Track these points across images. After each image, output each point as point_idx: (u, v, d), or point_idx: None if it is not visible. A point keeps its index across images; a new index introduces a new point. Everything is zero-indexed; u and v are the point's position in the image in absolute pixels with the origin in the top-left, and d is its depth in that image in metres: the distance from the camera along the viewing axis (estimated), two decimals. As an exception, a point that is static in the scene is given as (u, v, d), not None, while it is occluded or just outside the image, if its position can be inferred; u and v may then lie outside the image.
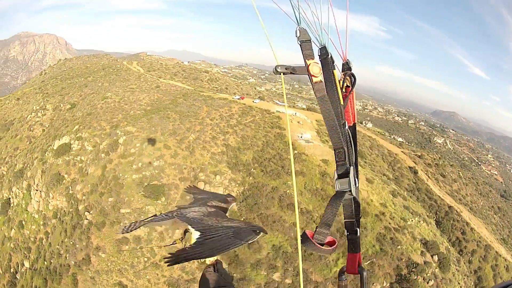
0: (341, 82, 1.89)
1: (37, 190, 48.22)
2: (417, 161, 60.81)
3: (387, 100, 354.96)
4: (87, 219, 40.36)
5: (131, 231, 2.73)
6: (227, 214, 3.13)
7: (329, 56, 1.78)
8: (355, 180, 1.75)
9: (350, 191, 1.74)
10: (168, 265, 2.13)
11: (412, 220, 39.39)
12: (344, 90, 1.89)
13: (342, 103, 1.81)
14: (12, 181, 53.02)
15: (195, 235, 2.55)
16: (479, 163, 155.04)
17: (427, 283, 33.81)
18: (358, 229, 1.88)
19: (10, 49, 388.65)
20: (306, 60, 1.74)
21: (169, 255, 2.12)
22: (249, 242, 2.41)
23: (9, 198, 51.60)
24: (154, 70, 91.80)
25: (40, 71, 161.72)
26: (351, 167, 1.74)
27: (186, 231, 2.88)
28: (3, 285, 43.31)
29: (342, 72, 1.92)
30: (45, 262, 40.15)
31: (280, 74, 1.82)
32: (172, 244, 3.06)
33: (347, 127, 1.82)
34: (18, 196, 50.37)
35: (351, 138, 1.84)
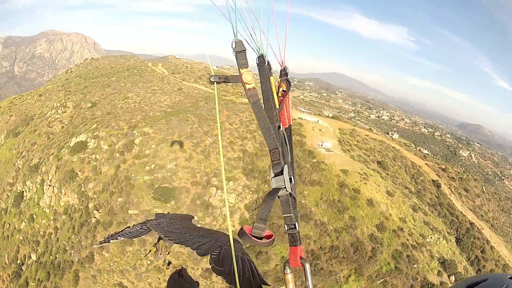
0: (278, 87, 2.14)
1: (50, 186, 52.90)
2: (441, 174, 60.78)
3: (414, 111, 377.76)
4: (95, 217, 43.90)
5: (105, 243, 2.95)
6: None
7: (266, 63, 2.04)
8: (290, 177, 1.98)
9: (286, 187, 1.96)
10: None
11: (431, 237, 39.74)
12: (280, 95, 2.14)
13: (277, 107, 2.08)
14: (27, 175, 58.54)
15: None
16: (502, 178, 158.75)
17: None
18: (296, 223, 2.06)
19: (36, 46, 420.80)
20: (240, 69, 1.99)
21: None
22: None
23: (23, 192, 57.12)
24: (178, 72, 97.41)
25: (66, 69, 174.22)
26: (286, 166, 1.97)
27: (159, 238, 3.20)
28: (8, 275, 47.95)
29: (279, 78, 2.16)
30: (51, 257, 44.05)
31: (213, 83, 2.17)
32: (148, 253, 3.39)
33: (282, 129, 2.08)
34: (31, 190, 55.55)
35: (286, 139, 2.09)
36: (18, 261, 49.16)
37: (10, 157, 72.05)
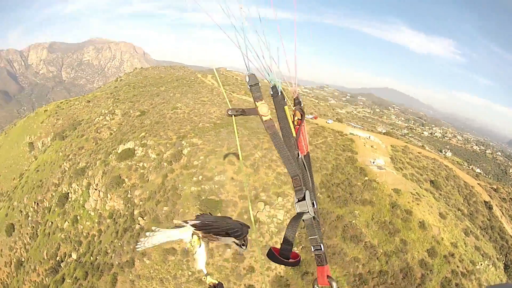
0: (293, 116, 2.36)
1: (96, 189, 56.52)
2: (493, 195, 58.15)
3: (465, 128, 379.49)
4: (139, 224, 46.27)
5: (149, 246, 3.13)
6: None
7: (279, 94, 2.24)
8: (312, 202, 2.22)
9: (309, 212, 2.21)
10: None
11: (481, 264, 38.52)
12: (296, 123, 2.35)
13: (294, 135, 2.29)
14: (73, 178, 62.91)
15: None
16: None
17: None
18: (321, 245, 2.29)
19: (84, 53, 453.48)
20: (256, 102, 2.20)
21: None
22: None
23: (68, 193, 61.46)
24: (228, 84, 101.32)
25: (115, 77, 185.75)
26: (307, 191, 2.21)
27: (192, 234, 3.29)
28: (45, 269, 51.85)
29: (293, 106, 2.39)
30: (91, 258, 46.86)
31: (231, 116, 2.41)
32: (186, 250, 4.57)
33: (301, 156, 2.31)
34: (76, 192, 59.59)
35: (306, 166, 2.32)
36: (57, 258, 52.92)
37: (56, 158, 77.70)
